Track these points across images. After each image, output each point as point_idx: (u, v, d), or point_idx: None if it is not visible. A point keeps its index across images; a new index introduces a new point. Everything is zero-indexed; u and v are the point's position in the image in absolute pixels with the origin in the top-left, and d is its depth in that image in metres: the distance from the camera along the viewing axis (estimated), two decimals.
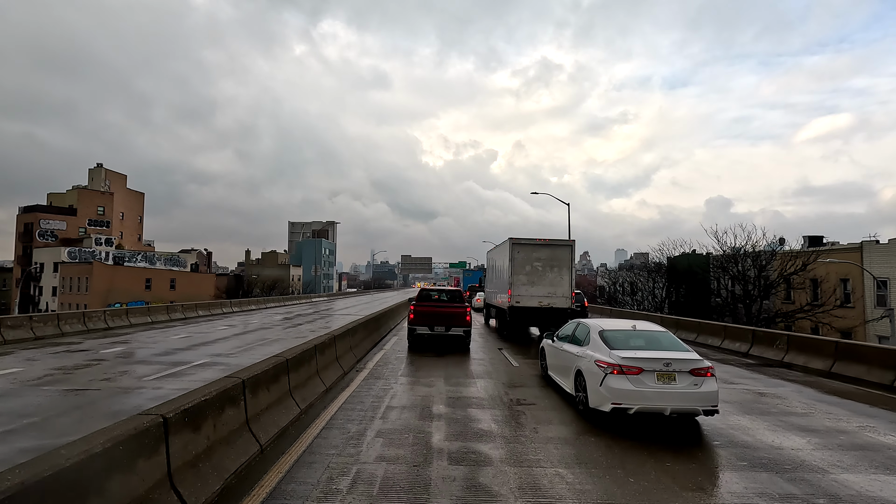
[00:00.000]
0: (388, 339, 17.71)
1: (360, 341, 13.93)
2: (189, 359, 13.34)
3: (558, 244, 17.90)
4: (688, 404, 6.69)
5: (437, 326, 15.25)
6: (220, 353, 14.66)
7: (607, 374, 6.95)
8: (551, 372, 9.93)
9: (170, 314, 25.95)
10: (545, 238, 17.94)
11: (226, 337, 18.94)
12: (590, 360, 7.47)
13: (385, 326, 19.72)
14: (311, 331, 21.49)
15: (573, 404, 8.25)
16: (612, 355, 7.09)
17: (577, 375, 7.93)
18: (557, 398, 8.87)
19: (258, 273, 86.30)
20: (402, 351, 14.71)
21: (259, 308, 38.81)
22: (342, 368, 10.63)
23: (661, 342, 7.52)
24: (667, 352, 7.15)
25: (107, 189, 74.10)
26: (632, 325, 8.23)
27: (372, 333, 16.04)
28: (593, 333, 7.99)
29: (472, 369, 12.03)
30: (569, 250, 17.81)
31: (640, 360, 6.85)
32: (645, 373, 6.76)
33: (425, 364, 12.76)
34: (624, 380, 6.78)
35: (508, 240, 17.88)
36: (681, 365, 6.81)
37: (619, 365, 6.87)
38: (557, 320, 15.78)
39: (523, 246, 17.57)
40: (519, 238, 17.72)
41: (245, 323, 25.35)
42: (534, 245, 17.59)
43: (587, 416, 7.50)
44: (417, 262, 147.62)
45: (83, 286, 57.09)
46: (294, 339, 18.42)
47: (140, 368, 11.84)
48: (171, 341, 17.23)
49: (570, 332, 9.13)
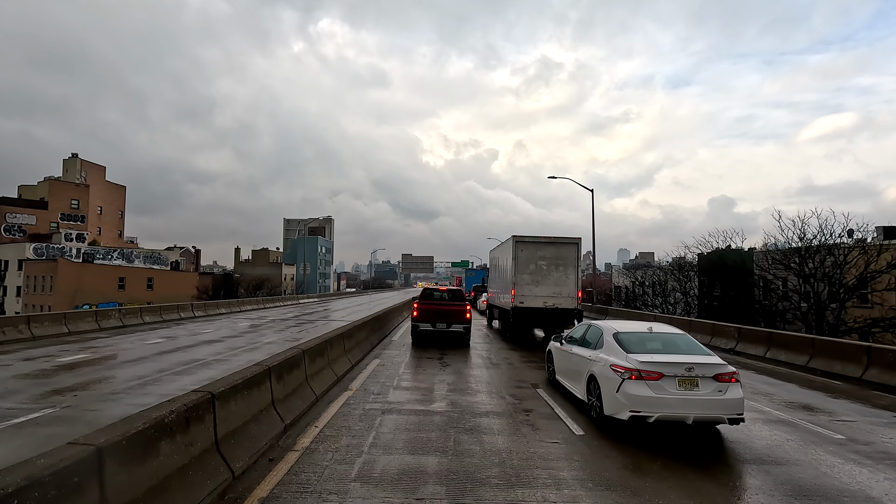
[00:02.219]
0: (365, 366, 12.21)
1: (319, 371, 8.64)
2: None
3: (563, 242, 17.17)
4: (712, 412, 6.36)
5: (439, 323, 15.70)
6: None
7: (624, 379, 6.56)
8: (559, 376, 9.61)
9: (99, 321, 20.48)
10: (550, 235, 17.28)
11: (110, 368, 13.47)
12: (604, 365, 7.12)
13: (366, 341, 14.24)
14: (266, 355, 16.07)
15: (585, 411, 7.81)
16: (630, 359, 6.73)
17: (590, 380, 7.53)
18: (567, 404, 8.39)
19: (249, 272, 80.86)
20: (388, 386, 9.28)
21: (231, 311, 33.35)
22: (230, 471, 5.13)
23: (679, 345, 7.19)
24: (688, 356, 6.81)
25: (82, 181, 68.74)
26: (648, 328, 7.79)
27: (339, 358, 10.59)
28: (607, 336, 7.61)
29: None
30: (574, 248, 17.16)
31: (661, 365, 6.50)
32: (665, 378, 6.40)
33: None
34: (643, 386, 6.41)
35: (512, 237, 17.12)
36: (704, 370, 6.47)
37: (638, 370, 6.50)
38: (563, 322, 15.33)
39: (527, 244, 17.03)
40: (522, 235, 17.10)
41: (192, 334, 19.89)
42: (538, 243, 17.06)
43: (601, 424, 7.04)
44: (419, 262, 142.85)
45: (48, 286, 51.74)
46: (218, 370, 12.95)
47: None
48: None
49: (581, 335, 8.81)
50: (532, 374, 11.21)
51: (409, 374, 10.96)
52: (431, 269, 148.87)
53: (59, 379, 10.31)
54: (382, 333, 18.00)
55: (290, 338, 18.84)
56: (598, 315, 30.01)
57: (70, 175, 69.34)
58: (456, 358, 13.55)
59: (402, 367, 11.71)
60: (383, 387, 9.49)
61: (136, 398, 8.68)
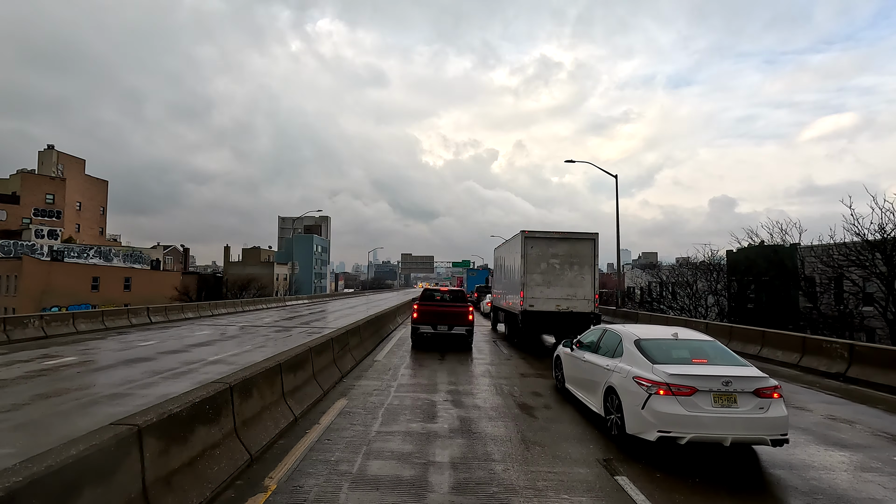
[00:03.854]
0: (312, 426, 7.86)
1: (214, 448, 4.38)
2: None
3: (578, 238, 15.69)
4: (752, 432, 5.63)
5: (440, 325, 15.13)
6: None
7: (651, 394, 5.82)
8: (570, 385, 8.75)
9: (8, 332, 16.14)
10: (563, 231, 15.86)
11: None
12: (626, 376, 6.36)
13: (331, 367, 9.91)
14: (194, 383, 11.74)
15: (600, 426, 7.04)
16: (657, 371, 5.99)
17: (609, 393, 6.74)
18: (579, 418, 7.58)
19: (239, 272, 76.42)
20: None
21: (200, 316, 29.00)
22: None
23: (709, 354, 6.46)
24: (723, 367, 6.07)
25: (59, 175, 64.43)
26: (672, 334, 6.94)
27: (272, 408, 6.28)
28: (627, 343, 6.86)
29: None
30: (591, 244, 15.61)
31: (694, 378, 5.76)
32: (699, 393, 5.67)
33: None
34: (673, 402, 5.67)
35: (520, 233, 15.84)
36: (743, 384, 5.73)
37: (667, 383, 5.76)
38: (578, 327, 14.33)
39: (538, 240, 15.64)
40: (532, 231, 15.76)
41: (120, 348, 15.57)
42: (550, 239, 15.65)
43: (622, 444, 6.28)
44: (419, 262, 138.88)
45: (12, 286, 47.45)
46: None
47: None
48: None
49: (595, 340, 7.98)
50: (539, 385, 10.10)
51: (386, 443, 6.63)
52: (432, 269, 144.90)
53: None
54: (365, 350, 13.69)
55: (219, 368, 14.51)
56: (625, 320, 25.69)
57: (46, 168, 65.03)
58: (463, 386, 9.30)
59: (378, 422, 7.33)
60: (333, 481, 5.16)
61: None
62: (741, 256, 37.60)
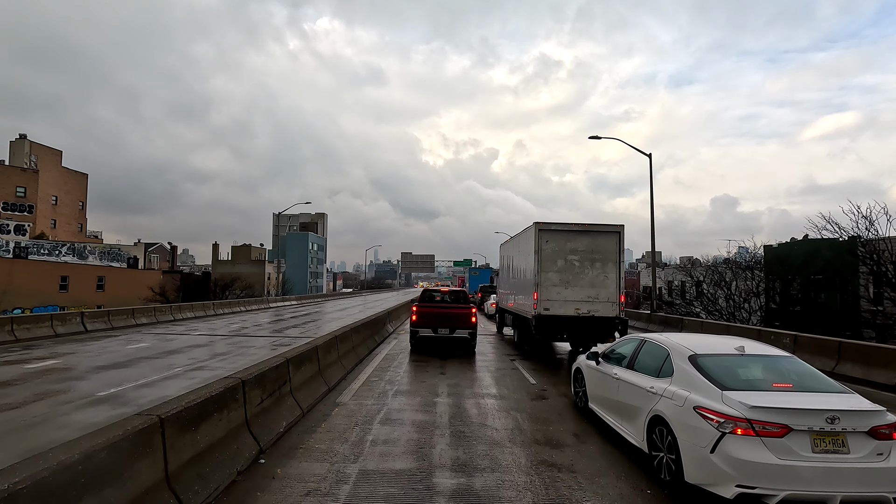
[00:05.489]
0: None
1: None
2: None
3: (601, 230, 13.65)
4: (870, 488, 3.86)
5: (440, 328, 14.11)
6: None
7: (725, 433, 4.11)
8: (595, 405, 7.04)
9: None
10: (583, 222, 13.84)
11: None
12: (682, 405, 4.63)
13: (270, 417, 5.40)
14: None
15: (640, 461, 5.41)
16: (729, 400, 4.27)
17: (654, 423, 5.01)
18: (613, 451, 5.90)
19: (228, 271, 72.01)
20: None
21: (155, 322, 24.54)
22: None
23: (792, 376, 4.62)
24: (818, 395, 4.31)
25: (31, 166, 60.05)
26: (736, 347, 5.12)
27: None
28: (679, 359, 5.10)
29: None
30: (615, 238, 13.59)
31: (786, 413, 4.02)
32: (794, 434, 3.97)
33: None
34: (758, 446, 3.97)
35: (534, 225, 13.86)
36: (853, 420, 3.99)
37: (748, 419, 4.05)
38: (601, 334, 12.90)
39: (554, 233, 13.66)
40: (548, 223, 13.80)
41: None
42: (568, 231, 13.66)
43: (675, 492, 4.53)
44: (419, 261, 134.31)
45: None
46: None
47: None
48: None
49: (630, 353, 6.27)
50: (560, 406, 8.15)
51: None
52: (432, 268, 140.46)
53: None
54: (325, 383, 9.17)
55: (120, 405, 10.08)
56: (664, 328, 21.18)
57: (17, 159, 60.67)
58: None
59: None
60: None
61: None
62: (783, 252, 33.03)
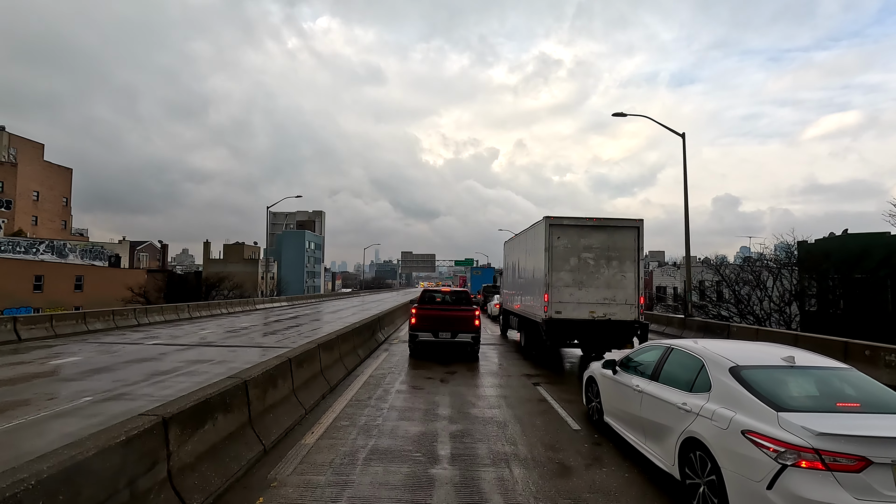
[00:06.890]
0: None
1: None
2: None
3: (619, 225, 12.56)
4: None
5: (441, 332, 13.22)
6: None
7: (786, 465, 3.27)
8: (612, 420, 6.16)
9: None
10: (598, 217, 12.67)
11: None
12: (726, 428, 3.76)
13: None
14: None
15: (669, 488, 4.54)
16: (786, 423, 3.43)
17: (688, 446, 4.17)
18: (640, 477, 4.92)
19: (220, 270, 68.96)
20: None
21: (113, 328, 21.45)
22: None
23: (856, 393, 3.79)
24: (890, 415, 3.46)
25: (9, 160, 57.09)
26: (784, 358, 4.24)
27: None
28: (717, 371, 4.23)
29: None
30: (634, 234, 12.49)
31: (862, 442, 3.17)
32: (873, 467, 3.12)
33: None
34: (829, 482, 3.12)
35: (544, 219, 12.71)
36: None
37: (814, 448, 3.21)
38: (618, 339, 12.14)
39: (566, 228, 12.55)
40: (559, 217, 12.61)
41: None
42: (581, 227, 12.54)
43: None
44: (420, 260, 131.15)
45: None
46: None
47: None
48: None
49: (654, 362, 5.30)
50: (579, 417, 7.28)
51: None
52: (433, 268, 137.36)
53: None
54: (256, 441, 6.08)
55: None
56: (701, 334, 18.07)
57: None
58: None
59: None
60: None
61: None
62: (820, 249, 29.85)
